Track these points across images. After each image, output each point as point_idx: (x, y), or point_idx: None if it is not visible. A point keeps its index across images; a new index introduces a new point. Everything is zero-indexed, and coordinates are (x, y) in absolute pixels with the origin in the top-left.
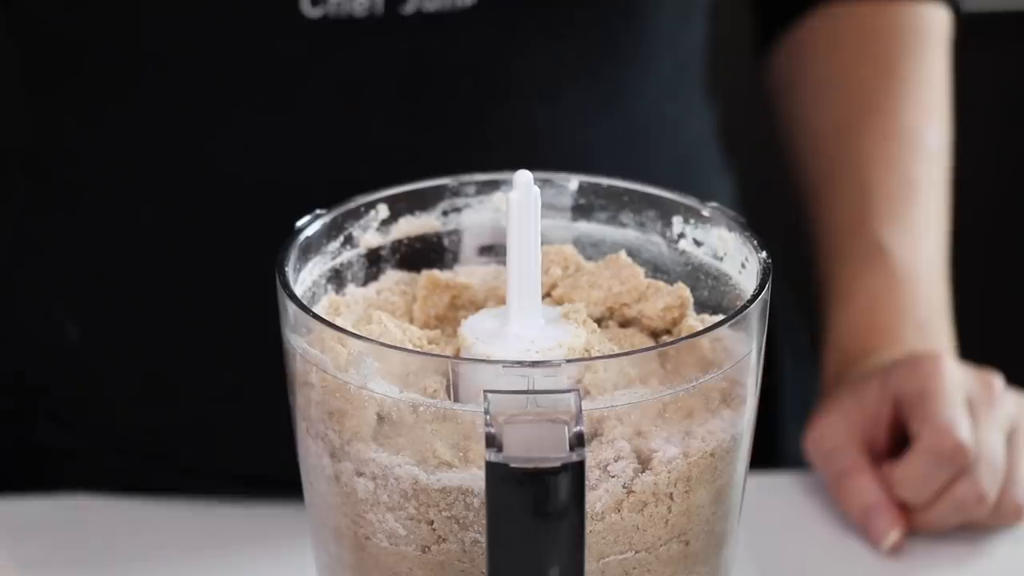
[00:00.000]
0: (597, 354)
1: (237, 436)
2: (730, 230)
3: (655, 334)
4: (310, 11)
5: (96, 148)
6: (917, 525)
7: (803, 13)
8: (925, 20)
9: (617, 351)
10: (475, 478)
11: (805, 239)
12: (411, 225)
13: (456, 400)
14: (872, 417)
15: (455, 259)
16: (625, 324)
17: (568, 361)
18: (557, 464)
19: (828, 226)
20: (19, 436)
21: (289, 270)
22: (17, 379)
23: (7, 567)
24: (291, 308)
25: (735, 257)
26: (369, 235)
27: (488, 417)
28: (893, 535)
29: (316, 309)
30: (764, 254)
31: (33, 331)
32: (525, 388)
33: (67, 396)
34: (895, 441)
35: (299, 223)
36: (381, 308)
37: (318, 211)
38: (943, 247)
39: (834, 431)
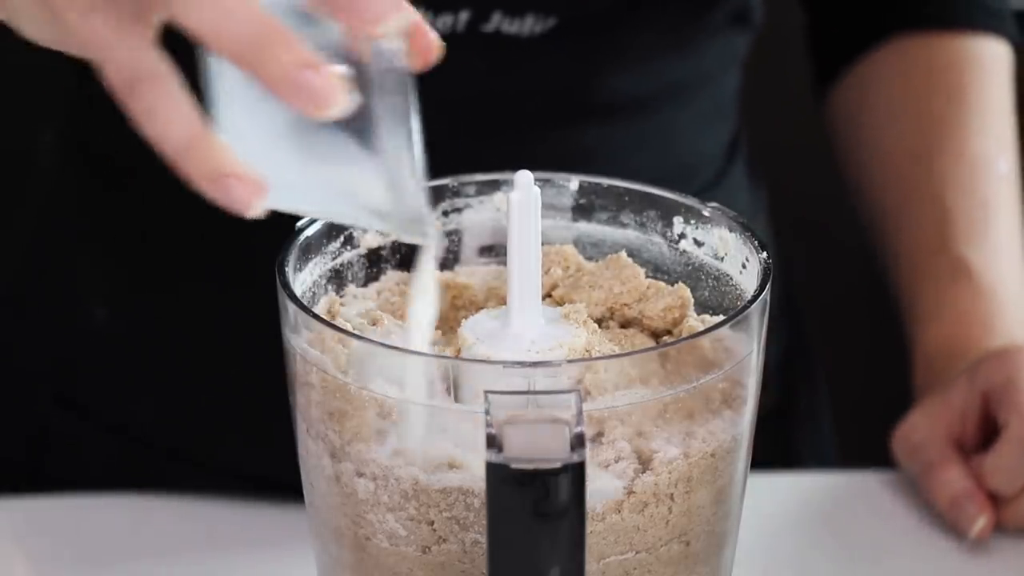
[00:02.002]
0: (598, 355)
1: (250, 434)
2: (731, 230)
3: (656, 334)
4: None
5: (133, 135)
6: (1007, 519)
7: (868, 48)
8: (988, 54)
9: (618, 352)
10: (475, 479)
11: (835, 249)
12: None
13: (456, 400)
14: (959, 413)
15: (455, 259)
16: (626, 324)
17: (569, 362)
18: (557, 465)
19: (908, 246)
20: (30, 423)
21: (289, 270)
22: (35, 363)
23: (7, 567)
24: (291, 308)
25: (736, 257)
26: (369, 235)
27: (488, 418)
28: (981, 521)
29: (316, 309)
30: (765, 255)
31: (59, 313)
32: (525, 389)
33: (86, 382)
34: (985, 437)
35: (299, 223)
36: (381, 308)
37: None
38: (1021, 265)
39: (921, 427)
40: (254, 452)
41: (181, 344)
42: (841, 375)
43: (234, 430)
